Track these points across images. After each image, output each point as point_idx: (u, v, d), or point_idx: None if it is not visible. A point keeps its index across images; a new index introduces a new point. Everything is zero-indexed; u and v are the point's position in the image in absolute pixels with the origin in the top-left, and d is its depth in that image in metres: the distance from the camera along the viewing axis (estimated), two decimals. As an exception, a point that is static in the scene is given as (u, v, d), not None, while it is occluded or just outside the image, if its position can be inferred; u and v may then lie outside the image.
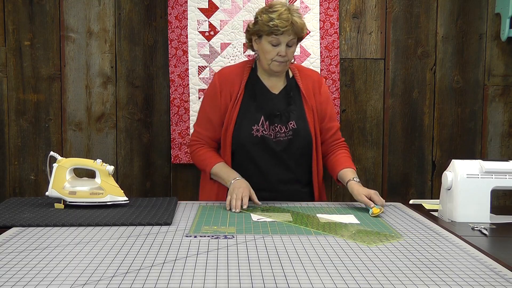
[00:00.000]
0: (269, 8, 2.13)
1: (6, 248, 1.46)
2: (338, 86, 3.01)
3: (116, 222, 1.73)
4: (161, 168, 3.08)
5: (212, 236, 1.60)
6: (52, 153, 2.02)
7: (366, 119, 3.09)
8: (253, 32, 2.17)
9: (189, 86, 2.98)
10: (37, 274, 1.25)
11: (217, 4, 2.96)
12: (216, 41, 2.97)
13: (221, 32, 2.97)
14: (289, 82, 2.25)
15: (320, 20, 2.99)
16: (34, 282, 1.20)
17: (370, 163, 3.11)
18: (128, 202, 2.00)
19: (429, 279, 1.25)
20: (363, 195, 1.97)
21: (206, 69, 2.98)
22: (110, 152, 3.06)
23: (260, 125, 2.17)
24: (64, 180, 1.96)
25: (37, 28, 2.99)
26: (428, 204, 2.16)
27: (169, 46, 2.97)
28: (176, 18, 2.96)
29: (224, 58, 2.97)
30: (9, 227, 1.68)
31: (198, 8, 2.96)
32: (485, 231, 1.68)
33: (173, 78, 2.98)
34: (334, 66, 3.00)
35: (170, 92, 2.99)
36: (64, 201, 1.95)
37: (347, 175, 2.12)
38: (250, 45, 2.23)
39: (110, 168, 1.97)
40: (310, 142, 2.21)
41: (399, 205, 2.13)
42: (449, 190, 1.87)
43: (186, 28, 2.97)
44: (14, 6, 2.97)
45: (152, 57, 3.03)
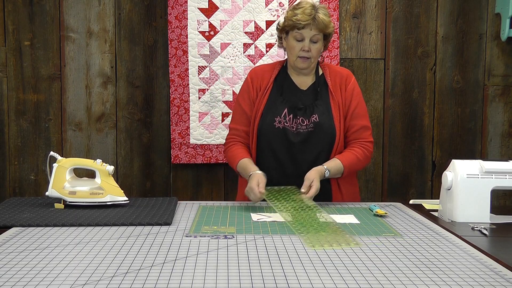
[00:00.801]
0: (296, 5, 2.21)
1: (6, 248, 1.46)
2: (338, 86, 3.01)
3: (116, 222, 1.73)
4: (161, 168, 3.08)
5: (212, 236, 1.60)
6: (52, 153, 2.02)
7: (366, 119, 3.09)
8: (281, 29, 2.24)
9: (189, 86, 2.98)
10: (37, 274, 1.25)
11: (217, 4, 2.96)
12: (216, 41, 2.97)
13: (221, 32, 2.97)
14: (317, 79, 2.28)
15: (320, 20, 2.98)
16: (34, 282, 1.20)
17: (370, 163, 3.11)
18: (128, 202, 2.00)
19: (429, 279, 1.25)
20: (308, 179, 2.02)
21: (206, 69, 2.98)
22: (110, 152, 3.06)
23: (282, 117, 2.20)
24: (64, 180, 1.96)
25: (37, 28, 2.99)
26: (428, 204, 2.16)
27: (169, 46, 2.97)
28: (176, 18, 2.96)
29: (224, 58, 2.97)
30: (9, 227, 1.68)
31: (198, 8, 2.96)
32: (485, 231, 1.68)
33: (173, 78, 2.98)
34: (334, 66, 3.00)
35: (170, 92, 2.99)
36: (64, 201, 1.95)
37: (327, 163, 2.15)
38: (280, 43, 2.29)
39: (110, 168, 1.97)
40: (333, 137, 2.20)
41: (399, 205, 2.13)
42: (449, 190, 1.87)
43: (186, 28, 2.96)
44: (14, 6, 2.97)
45: (152, 57, 3.03)
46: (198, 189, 3.10)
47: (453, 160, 1.90)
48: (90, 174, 2.03)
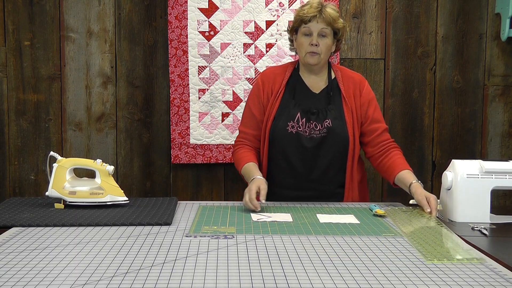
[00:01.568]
0: (305, 4, 2.22)
1: (6, 248, 1.46)
2: (338, 86, 3.01)
3: (116, 222, 1.73)
4: (161, 168, 3.08)
5: (212, 236, 1.60)
6: (52, 153, 2.02)
7: (366, 119, 3.09)
8: (291, 29, 2.24)
9: (189, 86, 2.98)
10: (37, 274, 1.25)
11: (217, 4, 2.96)
12: (216, 41, 2.97)
13: (221, 32, 2.97)
14: (330, 83, 2.26)
15: (320, 20, 2.98)
16: (34, 282, 1.20)
17: (370, 163, 3.10)
18: (128, 202, 2.00)
19: (429, 279, 1.25)
20: (424, 198, 1.92)
21: (206, 69, 2.98)
22: (110, 152, 3.06)
23: (295, 121, 2.19)
24: (64, 180, 1.96)
25: (37, 28, 2.99)
26: (428, 204, 2.16)
27: (169, 46, 2.97)
28: (176, 18, 2.96)
29: (224, 58, 2.97)
30: (9, 227, 1.68)
31: (198, 8, 2.96)
32: (485, 231, 1.68)
33: (173, 78, 2.98)
34: (334, 66, 3.00)
35: (170, 92, 2.99)
36: (64, 201, 1.95)
37: (408, 178, 2.07)
38: (292, 46, 2.29)
39: (110, 168, 1.97)
40: (347, 142, 2.19)
41: (399, 205, 2.13)
42: (449, 190, 1.87)
43: (186, 28, 2.96)
44: (14, 6, 2.97)
45: (152, 57, 3.03)
46: (198, 189, 3.10)
47: (453, 160, 1.90)
48: (90, 174, 2.03)
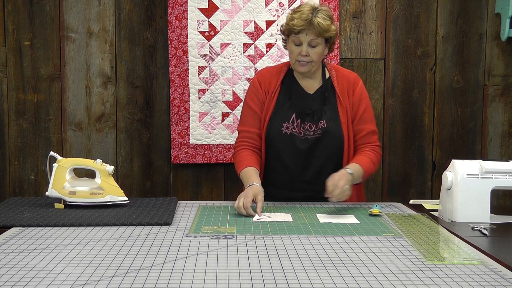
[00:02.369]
0: (296, 8, 2.16)
1: (6, 248, 1.46)
2: (338, 86, 3.01)
3: (116, 222, 1.73)
4: (161, 168, 3.08)
5: (212, 236, 1.60)
6: (52, 153, 2.02)
7: (366, 119, 3.09)
8: (282, 32, 2.22)
9: (189, 86, 2.98)
10: (37, 274, 1.25)
11: (217, 4, 2.96)
12: (216, 41, 2.97)
13: (221, 32, 2.97)
14: (324, 83, 2.24)
15: (320, 20, 2.98)
16: (34, 282, 1.20)
17: (370, 163, 3.11)
18: (128, 202, 2.00)
19: (429, 279, 1.25)
20: (329, 182, 1.94)
21: (206, 69, 2.98)
22: (110, 152, 3.07)
23: (290, 122, 2.17)
24: (64, 180, 1.96)
25: (37, 28, 2.99)
26: (428, 204, 2.16)
27: (169, 46, 2.97)
28: (176, 18, 2.96)
29: (224, 58, 2.97)
30: (9, 227, 1.68)
31: (198, 8, 2.96)
32: (485, 231, 1.68)
33: (173, 78, 2.98)
34: (334, 66, 3.00)
35: (170, 92, 2.99)
36: (64, 201, 1.95)
37: (347, 165, 2.09)
38: (285, 45, 2.26)
39: (110, 168, 1.97)
40: (341, 143, 2.18)
41: (399, 205, 2.13)
42: (449, 190, 1.87)
43: (186, 28, 2.97)
44: (14, 6, 2.97)
45: (152, 57, 3.03)
46: (198, 189, 3.10)
47: (453, 160, 1.90)
48: (90, 174, 2.03)
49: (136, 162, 3.08)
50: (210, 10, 2.97)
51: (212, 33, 2.97)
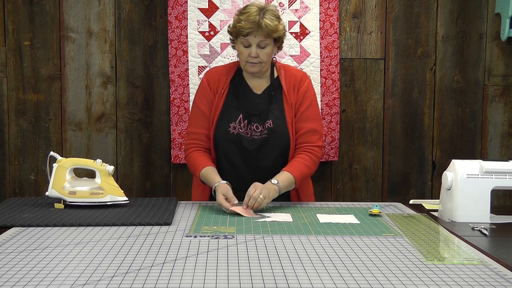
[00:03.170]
0: (243, 9, 2.13)
1: (6, 248, 1.46)
2: (338, 86, 3.01)
3: (116, 222, 1.73)
4: (161, 168, 3.08)
5: (212, 236, 1.60)
6: (52, 153, 2.02)
7: (366, 119, 3.09)
8: (230, 33, 2.19)
9: (189, 86, 2.98)
10: (37, 274, 1.25)
11: (217, 4, 2.96)
12: (216, 41, 2.97)
13: (221, 32, 2.97)
14: (272, 82, 2.23)
15: (320, 20, 2.99)
16: (34, 282, 1.20)
17: (370, 163, 3.11)
18: (128, 202, 2.00)
19: (429, 279, 1.25)
20: (248, 193, 1.93)
21: (206, 69, 2.97)
22: (110, 152, 3.06)
23: (237, 123, 2.16)
24: (64, 180, 1.96)
25: (37, 28, 2.99)
26: (428, 204, 2.16)
27: (169, 46, 2.97)
28: (176, 18, 2.96)
29: (224, 58, 2.97)
30: (9, 227, 1.68)
31: (198, 8, 2.96)
32: (485, 231, 1.68)
33: (173, 78, 2.98)
34: (334, 66, 3.00)
35: (170, 92, 2.99)
36: (64, 201, 1.95)
37: (276, 176, 2.07)
38: (233, 45, 2.23)
39: (110, 168, 1.97)
40: (288, 141, 2.17)
41: (399, 205, 2.13)
42: (449, 190, 1.87)
43: (186, 28, 2.97)
44: (14, 6, 2.97)
45: (152, 57, 3.03)
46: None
47: (453, 160, 1.90)
48: (90, 174, 2.03)
49: (136, 162, 3.08)
50: (210, 10, 2.97)
51: (212, 33, 2.97)
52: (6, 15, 2.97)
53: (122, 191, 1.99)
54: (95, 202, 1.95)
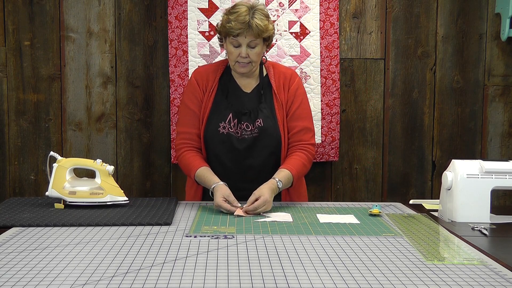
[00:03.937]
0: (231, 8, 2.11)
1: (6, 248, 1.46)
2: (338, 86, 3.01)
3: (116, 222, 1.73)
4: (161, 168, 3.08)
5: (212, 236, 1.60)
6: (52, 153, 2.02)
7: (366, 119, 3.09)
8: (218, 32, 2.18)
9: (189, 86, 2.98)
10: (37, 274, 1.25)
11: (217, 4, 2.96)
12: (216, 41, 2.95)
13: (221, 32, 2.97)
14: (261, 81, 2.22)
15: (320, 20, 2.99)
16: (34, 282, 1.20)
17: (370, 163, 3.11)
18: (128, 202, 2.00)
19: (429, 279, 1.25)
20: (254, 194, 1.93)
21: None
22: (110, 152, 3.06)
23: (227, 122, 2.15)
24: (64, 180, 1.96)
25: (37, 28, 2.99)
26: (428, 204, 2.16)
27: (169, 46, 2.97)
28: (176, 18, 2.96)
29: (224, 58, 2.96)
30: (9, 227, 1.68)
31: (198, 8, 2.96)
32: (485, 231, 1.68)
33: (173, 78, 2.98)
34: (334, 66, 3.00)
35: (170, 92, 2.99)
36: (64, 201, 1.95)
37: (276, 174, 2.07)
38: (221, 44, 2.22)
39: (110, 168, 1.97)
40: (279, 141, 2.16)
41: (399, 205, 2.13)
42: (449, 190, 1.87)
43: (186, 28, 2.97)
44: (14, 6, 2.97)
45: (152, 57, 3.03)
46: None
47: (453, 160, 1.90)
48: (90, 174, 2.03)
49: (136, 162, 3.08)
50: (210, 10, 2.97)
51: (212, 33, 2.97)
52: (6, 15, 2.97)
53: (122, 191, 1.99)
54: (95, 202, 1.95)
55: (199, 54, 2.97)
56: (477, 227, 1.73)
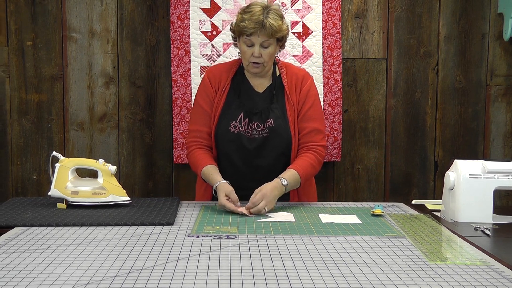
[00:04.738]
0: (246, 8, 2.12)
1: (9, 248, 1.46)
2: (341, 86, 3.01)
3: (118, 222, 1.73)
4: (163, 168, 3.08)
5: (214, 236, 1.60)
6: (54, 153, 2.02)
7: (369, 119, 3.09)
8: (232, 31, 2.18)
9: (191, 86, 2.98)
10: (39, 274, 1.25)
11: (219, 4, 2.96)
12: (218, 41, 2.97)
13: (223, 32, 2.97)
14: (274, 81, 2.22)
15: (322, 20, 2.99)
16: (37, 282, 1.20)
17: (373, 163, 3.11)
18: (130, 202, 2.00)
19: (431, 279, 1.25)
20: (255, 194, 1.93)
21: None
22: (112, 152, 3.07)
23: (238, 121, 2.15)
24: (66, 180, 1.96)
25: (39, 28, 2.99)
26: (430, 204, 2.16)
27: (171, 46, 2.97)
28: (178, 18, 2.96)
29: (226, 58, 2.97)
30: (11, 227, 1.68)
31: (200, 8, 2.96)
32: (487, 232, 1.68)
33: (175, 78, 2.99)
34: (337, 66, 3.00)
35: (172, 92, 2.99)
36: (66, 201, 1.96)
37: (282, 174, 2.06)
38: (235, 44, 2.22)
39: (113, 168, 1.97)
40: (289, 141, 2.16)
41: (402, 205, 2.13)
42: (451, 190, 1.87)
43: (188, 28, 2.97)
44: (16, 6, 2.98)
45: (154, 57, 3.03)
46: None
47: (455, 160, 1.90)
48: (92, 174, 2.03)
49: (138, 162, 3.08)
50: (212, 10, 2.97)
51: (214, 33, 2.97)
52: (9, 15, 2.98)
53: (125, 191, 1.99)
54: (98, 202, 1.95)
55: (201, 54, 2.97)
56: (479, 227, 1.73)
